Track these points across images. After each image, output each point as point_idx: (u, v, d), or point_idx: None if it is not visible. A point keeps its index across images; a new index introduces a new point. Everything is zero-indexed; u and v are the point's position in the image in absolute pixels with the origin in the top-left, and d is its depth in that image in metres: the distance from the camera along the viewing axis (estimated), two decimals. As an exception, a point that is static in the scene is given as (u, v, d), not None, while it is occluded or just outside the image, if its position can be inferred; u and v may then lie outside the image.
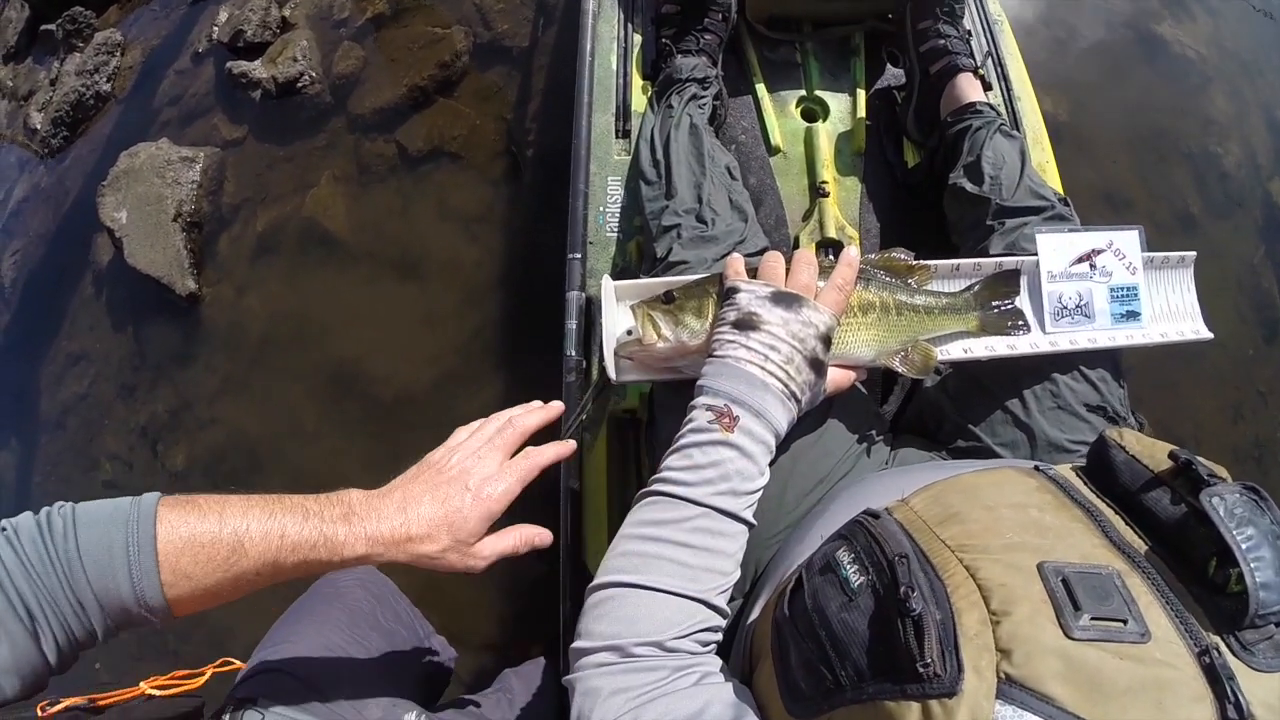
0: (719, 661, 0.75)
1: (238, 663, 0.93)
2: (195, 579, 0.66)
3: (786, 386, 0.83)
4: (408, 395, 2.07)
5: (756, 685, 0.72)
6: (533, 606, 1.82)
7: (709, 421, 0.81)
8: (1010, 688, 0.51)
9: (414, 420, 2.03)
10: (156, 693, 0.95)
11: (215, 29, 2.66)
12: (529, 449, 0.86)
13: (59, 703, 0.73)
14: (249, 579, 0.69)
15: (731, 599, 0.88)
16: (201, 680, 1.01)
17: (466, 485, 0.79)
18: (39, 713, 0.72)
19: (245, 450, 2.16)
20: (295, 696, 0.92)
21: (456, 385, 2.04)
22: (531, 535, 0.85)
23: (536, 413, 0.89)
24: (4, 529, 0.63)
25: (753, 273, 0.92)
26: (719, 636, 0.78)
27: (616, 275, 1.40)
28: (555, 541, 0.87)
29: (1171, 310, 1.14)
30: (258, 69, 2.48)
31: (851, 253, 0.93)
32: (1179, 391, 2.05)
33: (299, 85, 2.43)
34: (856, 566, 0.62)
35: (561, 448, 0.88)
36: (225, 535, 0.67)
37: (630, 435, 1.40)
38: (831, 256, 1.46)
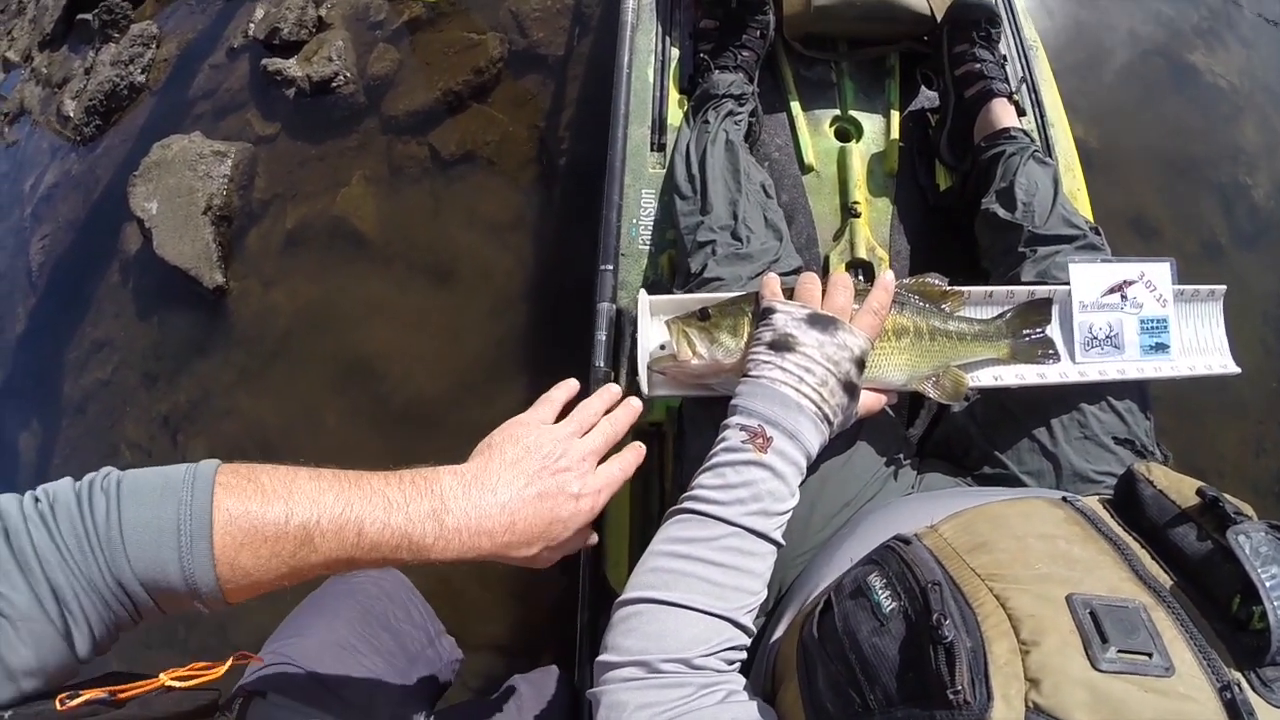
0: (743, 680, 0.76)
1: (254, 656, 0.94)
2: (254, 575, 0.59)
3: (820, 409, 0.84)
4: (429, 398, 2.07)
5: (781, 705, 0.73)
6: (545, 613, 1.82)
7: (742, 441, 0.81)
8: (1038, 717, 0.52)
9: (435, 424, 2.04)
10: (176, 684, 0.96)
11: (251, 26, 2.68)
12: (616, 456, 0.83)
13: (79, 695, 0.72)
14: (315, 572, 0.63)
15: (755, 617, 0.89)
16: (220, 671, 1.02)
17: (574, 494, 0.75)
18: (58, 706, 0.70)
19: (264, 444, 2.17)
20: (304, 692, 0.93)
21: (479, 391, 2.05)
22: (593, 538, 0.84)
23: (626, 410, 0.86)
24: (39, 500, 0.56)
25: (788, 293, 0.93)
26: (744, 655, 0.79)
27: (649, 288, 1.41)
28: (576, 551, 0.84)
29: (1200, 343, 1.14)
30: (292, 67, 2.50)
31: (888, 277, 0.93)
32: (1202, 423, 2.04)
33: (333, 85, 2.44)
34: (888, 592, 0.63)
35: (640, 452, 0.85)
36: (292, 528, 0.60)
37: (654, 448, 1.41)
38: (861, 276, 1.47)
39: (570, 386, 0.88)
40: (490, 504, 0.69)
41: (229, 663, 0.83)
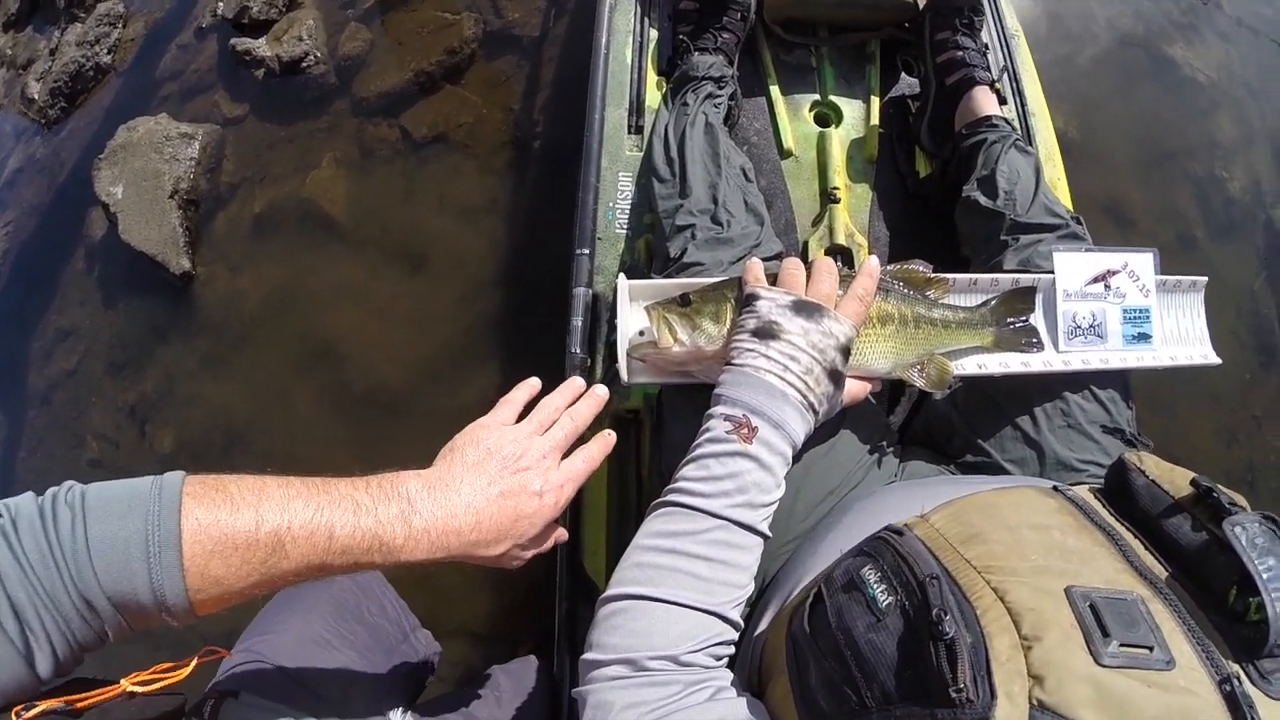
0: (730, 675, 0.74)
1: (223, 651, 0.91)
2: (226, 584, 0.58)
3: (805, 398, 0.82)
4: (399, 385, 2.04)
5: (770, 701, 0.72)
6: (522, 603, 1.80)
7: (727, 432, 0.79)
8: (1042, 714, 0.51)
9: (404, 410, 2.01)
10: (139, 689, 0.92)
11: (220, 4, 2.62)
12: (582, 448, 0.83)
13: (34, 706, 0.68)
14: (287, 580, 0.62)
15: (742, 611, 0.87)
16: (186, 672, 0.98)
17: (537, 491, 0.76)
18: (14, 717, 0.67)
19: (234, 432, 2.13)
20: (278, 689, 0.91)
21: (452, 376, 2.02)
22: (562, 535, 0.84)
23: (588, 402, 0.86)
24: (0, 515, 0.55)
25: (772, 279, 0.91)
26: (732, 650, 0.77)
27: (626, 273, 1.39)
28: (546, 549, 0.84)
29: (1181, 334, 1.14)
30: (261, 47, 2.45)
31: (872, 263, 0.92)
32: (1175, 413, 2.05)
33: (303, 65, 2.39)
34: (884, 586, 0.61)
35: (607, 442, 0.85)
36: (263, 535, 0.59)
37: (631, 435, 1.39)
38: (840, 263, 1.46)
39: (532, 386, 0.87)
40: (455, 504, 0.70)
41: (195, 661, 0.79)
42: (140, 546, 0.55)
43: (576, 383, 0.87)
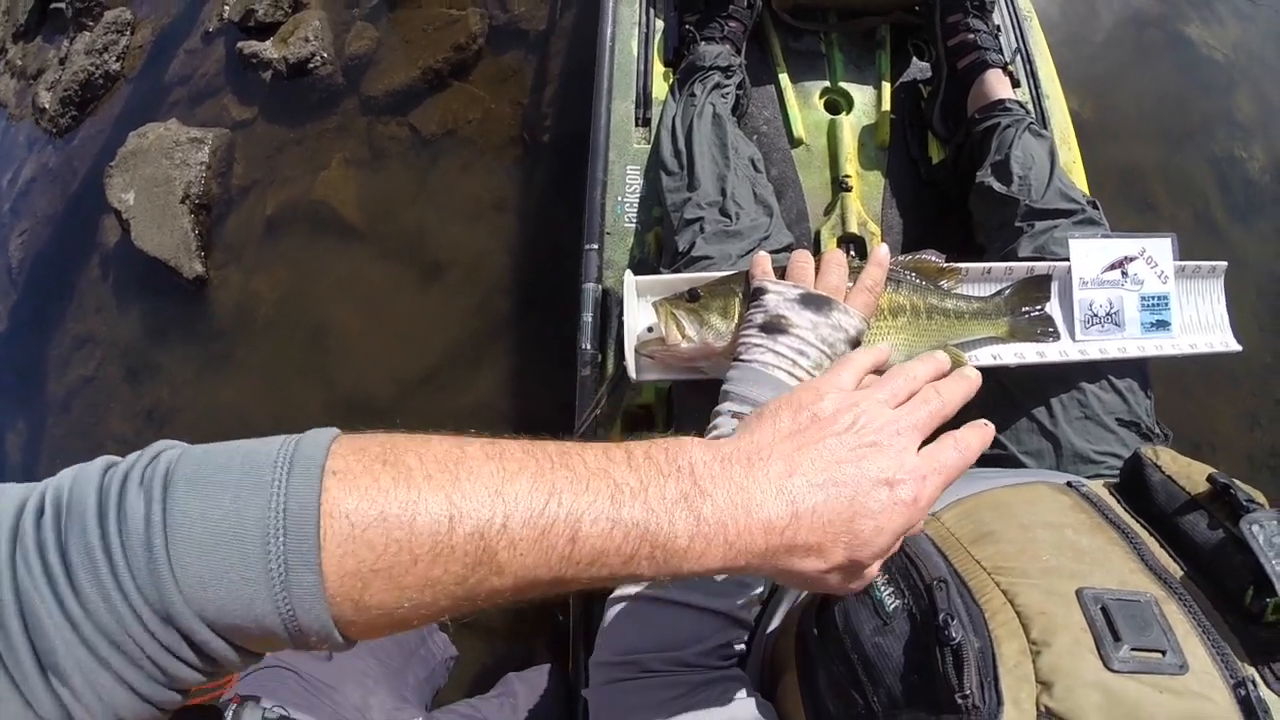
0: (741, 674, 0.74)
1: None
2: (395, 614, 0.40)
3: (814, 393, 0.80)
4: (416, 382, 2.04)
5: (780, 701, 0.71)
6: (538, 608, 1.80)
7: (734, 429, 0.78)
8: None
9: (423, 407, 2.01)
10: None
11: (226, 8, 2.62)
12: (952, 434, 0.56)
13: None
14: (492, 602, 0.43)
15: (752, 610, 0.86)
16: (230, 684, 0.97)
17: (886, 479, 0.50)
18: None
19: (250, 434, 2.11)
20: (298, 694, 0.91)
21: (465, 374, 2.02)
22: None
23: (958, 382, 0.59)
24: (42, 513, 0.37)
25: (780, 272, 0.89)
26: (742, 648, 0.76)
27: (635, 267, 1.37)
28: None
29: (1201, 320, 1.12)
30: (268, 49, 2.45)
31: (881, 252, 0.90)
32: (1196, 398, 2.02)
33: (310, 66, 2.39)
34: (891, 589, 0.60)
35: (986, 433, 0.57)
36: (460, 537, 0.39)
37: (644, 432, 1.38)
38: (853, 251, 1.44)
39: (879, 352, 0.64)
40: (763, 485, 0.47)
41: (238, 675, 0.77)
42: (259, 564, 0.36)
43: (941, 357, 0.63)
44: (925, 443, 0.54)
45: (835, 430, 0.51)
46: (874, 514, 0.49)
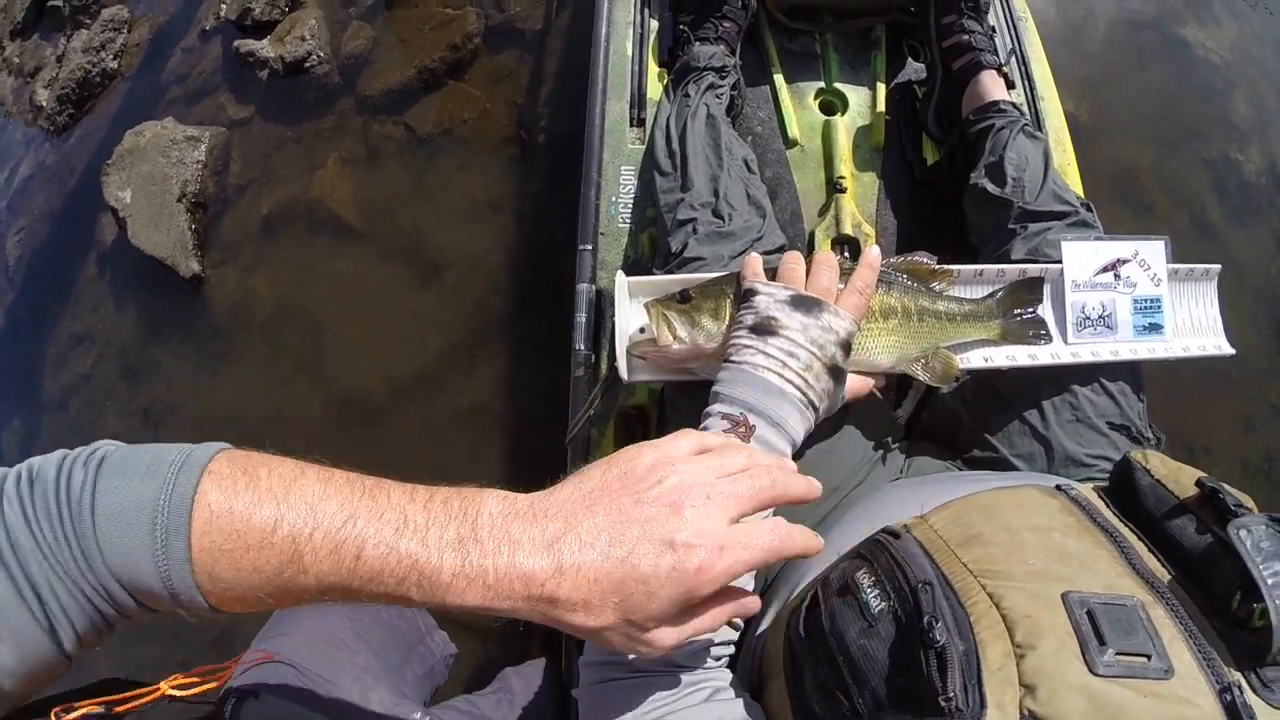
0: (729, 675, 0.74)
1: (268, 654, 0.91)
2: (235, 590, 0.49)
3: (805, 395, 0.81)
4: (412, 380, 2.05)
5: (767, 703, 0.71)
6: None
7: (724, 430, 0.78)
8: None
9: (414, 409, 2.02)
10: (178, 693, 0.92)
11: (223, 6, 2.63)
12: (777, 520, 0.57)
13: (74, 709, 0.67)
14: (308, 598, 0.51)
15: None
16: (226, 676, 0.97)
17: (669, 541, 0.51)
18: (53, 718, 0.66)
19: (248, 434, 2.14)
20: (297, 690, 0.91)
21: (459, 375, 2.02)
22: (734, 609, 0.57)
23: (801, 482, 0.60)
24: (20, 477, 0.48)
25: (771, 273, 0.89)
26: (732, 650, 0.76)
27: (629, 268, 1.37)
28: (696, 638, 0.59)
29: (1194, 324, 1.12)
30: (265, 48, 2.45)
31: (873, 254, 0.90)
32: (1191, 400, 2.02)
33: (307, 65, 2.39)
34: (877, 591, 0.60)
35: (813, 544, 0.58)
36: (279, 537, 0.48)
37: (638, 432, 1.38)
38: (847, 253, 1.44)
39: (703, 441, 0.62)
40: (534, 537, 0.51)
41: (233, 667, 0.77)
42: (146, 529, 0.47)
43: (789, 464, 0.64)
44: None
45: (638, 489, 0.53)
46: (644, 578, 0.50)
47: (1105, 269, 1.05)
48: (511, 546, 0.50)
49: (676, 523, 0.51)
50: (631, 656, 0.61)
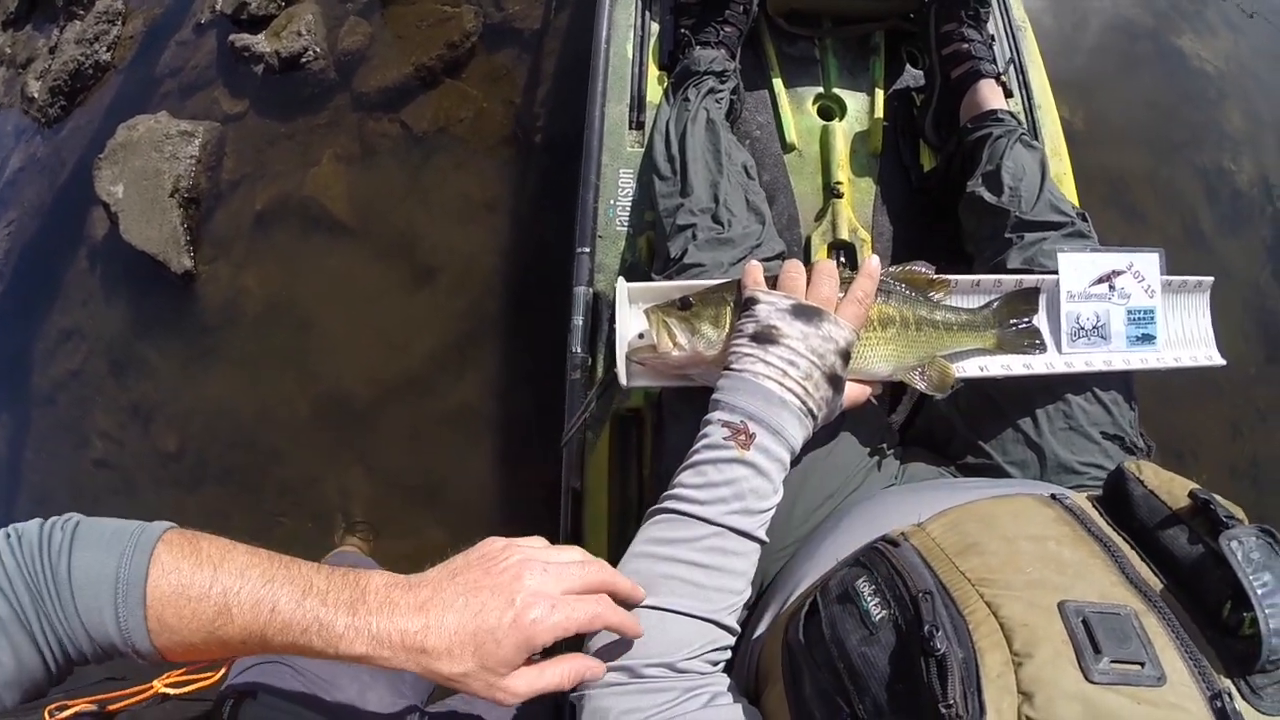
0: (727, 680, 0.74)
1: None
2: (179, 634, 0.59)
3: (804, 403, 0.81)
4: (403, 381, 2.05)
5: (766, 708, 0.71)
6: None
7: (724, 438, 0.79)
8: None
9: (407, 410, 2.02)
10: (172, 691, 0.91)
11: (218, 0, 2.61)
12: (603, 597, 0.69)
13: (68, 707, 0.68)
14: (236, 645, 0.61)
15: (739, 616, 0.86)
16: (219, 674, 0.97)
17: (511, 600, 0.64)
18: (46, 717, 0.67)
19: (235, 431, 2.14)
20: (295, 689, 0.91)
21: (453, 376, 2.02)
22: (581, 670, 0.69)
23: (627, 582, 0.73)
24: (9, 535, 0.58)
25: (771, 281, 0.90)
26: (729, 655, 0.77)
27: (626, 272, 1.38)
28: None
29: (1186, 335, 1.13)
30: (261, 43, 2.44)
31: (873, 264, 0.91)
32: (1179, 406, 2.04)
33: (302, 60, 2.38)
34: (878, 599, 0.61)
35: (631, 623, 0.71)
36: (214, 594, 0.59)
37: (633, 435, 1.38)
38: (843, 257, 1.45)
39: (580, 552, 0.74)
40: (408, 601, 0.64)
41: (230, 665, 0.78)
42: (110, 584, 0.58)
43: (626, 583, 0.73)
44: None
45: (489, 564, 0.67)
46: (492, 629, 0.63)
47: (1100, 280, 1.06)
48: (391, 608, 0.63)
49: (518, 586, 0.65)
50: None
